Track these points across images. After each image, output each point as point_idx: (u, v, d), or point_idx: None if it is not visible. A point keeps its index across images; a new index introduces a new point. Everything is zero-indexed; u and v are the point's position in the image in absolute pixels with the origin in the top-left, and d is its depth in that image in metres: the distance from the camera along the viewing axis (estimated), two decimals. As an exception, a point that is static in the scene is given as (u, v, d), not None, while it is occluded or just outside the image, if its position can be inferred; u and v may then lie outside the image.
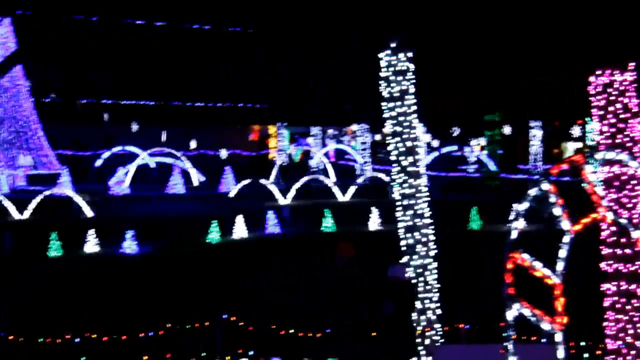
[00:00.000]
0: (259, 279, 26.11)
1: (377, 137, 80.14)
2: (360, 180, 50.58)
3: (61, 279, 26.66)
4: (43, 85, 60.37)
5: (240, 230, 33.24)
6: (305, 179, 47.75)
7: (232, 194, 45.79)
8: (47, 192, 38.49)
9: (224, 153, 52.27)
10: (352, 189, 45.79)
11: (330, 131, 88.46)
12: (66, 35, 66.77)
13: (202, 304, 23.41)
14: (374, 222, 35.27)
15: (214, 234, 32.38)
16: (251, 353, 19.19)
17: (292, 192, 44.36)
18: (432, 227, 16.51)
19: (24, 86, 53.95)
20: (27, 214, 37.03)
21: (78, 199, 38.51)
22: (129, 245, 30.04)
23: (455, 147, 57.36)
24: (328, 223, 34.76)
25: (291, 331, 20.74)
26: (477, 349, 14.54)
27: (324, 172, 55.43)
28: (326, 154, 63.20)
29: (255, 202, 42.96)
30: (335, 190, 45.65)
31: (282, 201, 43.34)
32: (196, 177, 51.20)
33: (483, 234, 33.86)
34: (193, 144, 77.28)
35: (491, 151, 55.92)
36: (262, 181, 45.02)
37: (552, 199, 12.00)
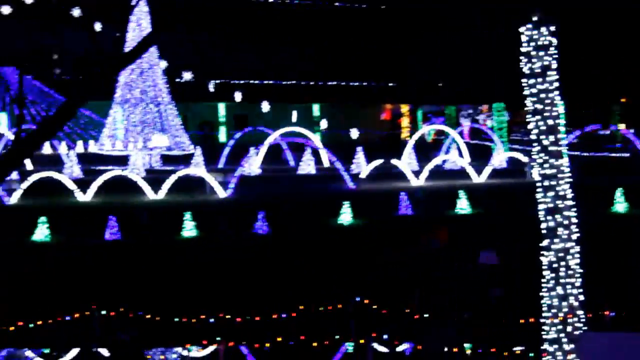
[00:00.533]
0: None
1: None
2: (496, 161, 49.76)
3: (194, 259, 27.50)
4: (177, 65, 62.00)
5: (368, 212, 33.33)
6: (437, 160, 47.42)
7: (363, 175, 45.95)
8: (180, 173, 39.72)
9: (354, 133, 52.37)
10: (487, 170, 45.12)
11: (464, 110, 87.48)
12: (200, 14, 68.38)
13: (334, 286, 23.66)
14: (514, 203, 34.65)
15: (344, 216, 32.61)
16: (385, 337, 19.29)
17: (425, 173, 44.11)
18: (575, 209, 16.10)
19: (158, 67, 55.70)
20: (161, 194, 38.33)
21: (211, 180, 39.57)
22: (260, 226, 30.66)
23: (599, 126, 55.52)
24: (463, 205, 34.41)
25: (426, 315, 20.71)
26: (628, 337, 14.09)
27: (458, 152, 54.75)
28: (460, 133, 62.44)
29: (387, 183, 42.97)
30: (470, 171, 45.10)
31: (415, 182, 43.17)
32: (326, 157, 51.68)
33: (630, 217, 32.75)
34: (324, 124, 77.84)
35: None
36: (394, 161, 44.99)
37: None
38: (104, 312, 21.47)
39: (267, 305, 21.53)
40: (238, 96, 52.54)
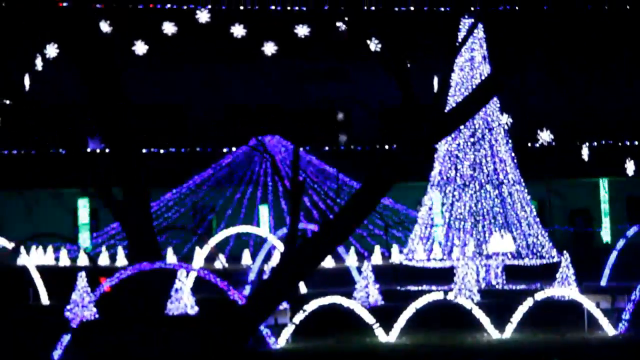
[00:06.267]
0: None
1: None
2: None
3: None
4: (523, 124, 62.26)
5: None
6: None
7: None
8: (539, 295, 39.33)
9: None
10: None
11: None
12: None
13: None
14: None
15: None
16: None
17: None
18: None
19: (499, 126, 55.97)
20: (508, 331, 38.22)
21: (591, 306, 38.85)
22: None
23: None
24: None
25: None
26: None
27: None
28: None
29: None
30: None
31: None
32: None
33: None
34: None
35: None
36: None
37: None
38: None
39: None
40: (630, 167, 51.86)
